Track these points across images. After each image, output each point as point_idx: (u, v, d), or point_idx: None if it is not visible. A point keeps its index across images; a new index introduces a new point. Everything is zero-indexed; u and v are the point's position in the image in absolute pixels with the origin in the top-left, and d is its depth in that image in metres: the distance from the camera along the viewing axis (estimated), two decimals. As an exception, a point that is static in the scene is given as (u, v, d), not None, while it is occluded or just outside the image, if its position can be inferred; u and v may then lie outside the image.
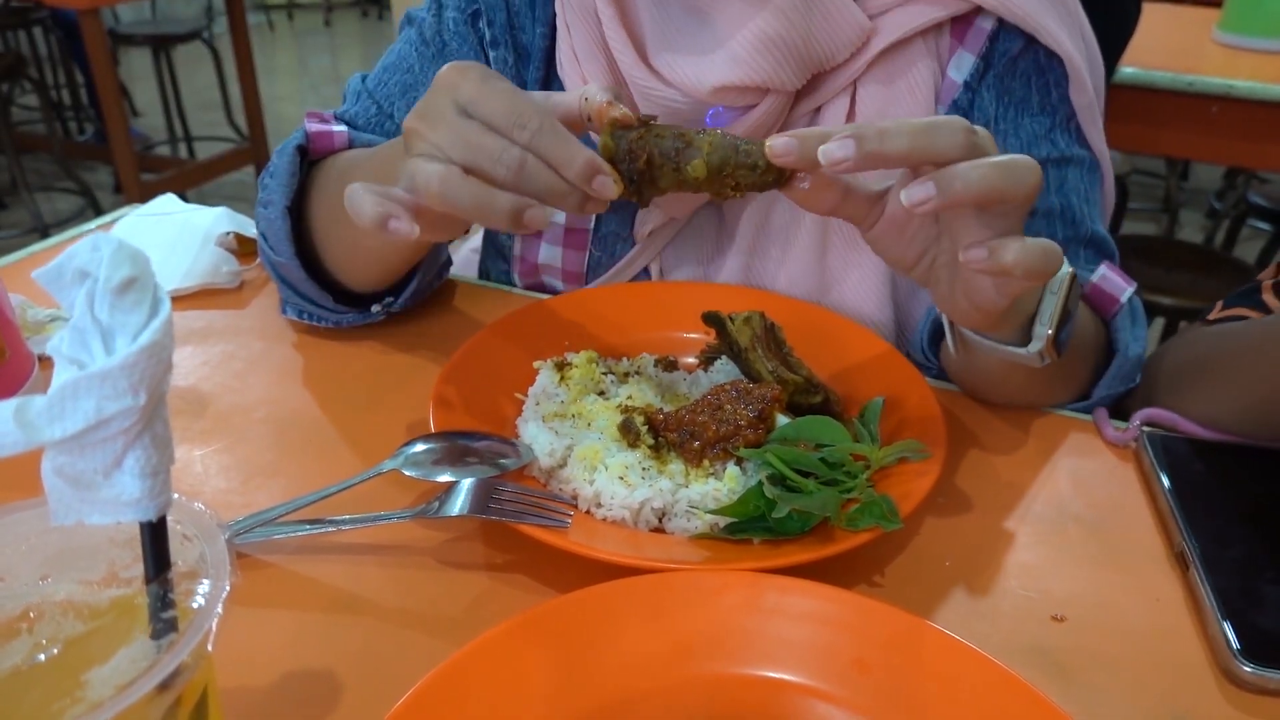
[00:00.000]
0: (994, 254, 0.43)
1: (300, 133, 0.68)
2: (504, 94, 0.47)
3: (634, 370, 0.62)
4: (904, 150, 0.43)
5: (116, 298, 0.26)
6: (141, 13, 4.63)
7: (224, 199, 3.62)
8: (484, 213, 0.46)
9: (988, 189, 0.42)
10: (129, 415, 0.26)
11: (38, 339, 0.68)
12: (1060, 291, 0.51)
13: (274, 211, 0.66)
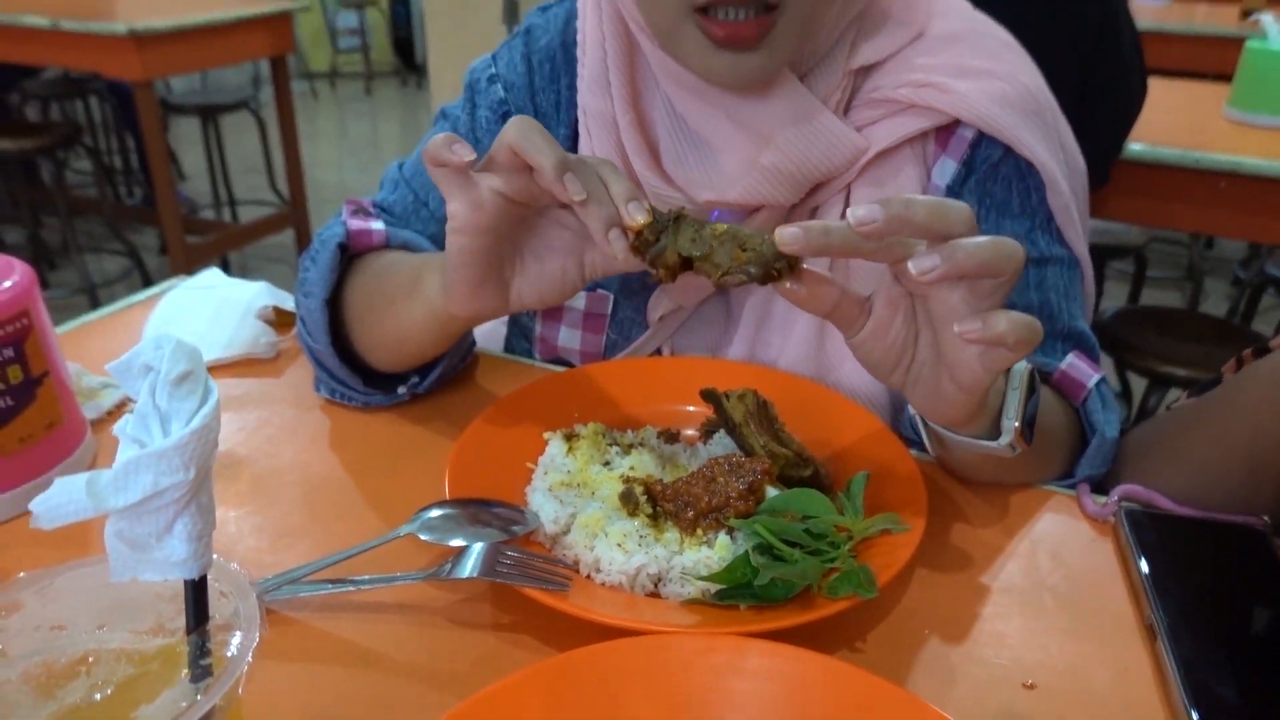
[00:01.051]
0: (987, 324, 0.47)
1: (340, 226, 0.74)
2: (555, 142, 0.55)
3: (638, 442, 0.66)
4: (923, 219, 0.47)
5: (174, 388, 0.31)
6: (192, 83, 4.85)
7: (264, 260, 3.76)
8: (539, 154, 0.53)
9: (985, 261, 0.47)
10: (180, 488, 0.31)
11: (90, 404, 0.74)
12: (1021, 387, 0.56)
13: (314, 303, 0.71)
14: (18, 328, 0.61)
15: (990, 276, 0.47)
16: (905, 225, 0.47)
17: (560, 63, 0.77)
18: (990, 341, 0.48)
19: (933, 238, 0.48)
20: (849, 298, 0.52)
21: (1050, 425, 0.64)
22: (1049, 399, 0.65)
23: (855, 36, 0.68)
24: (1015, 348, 0.48)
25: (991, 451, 0.57)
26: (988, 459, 0.59)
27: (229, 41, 3.05)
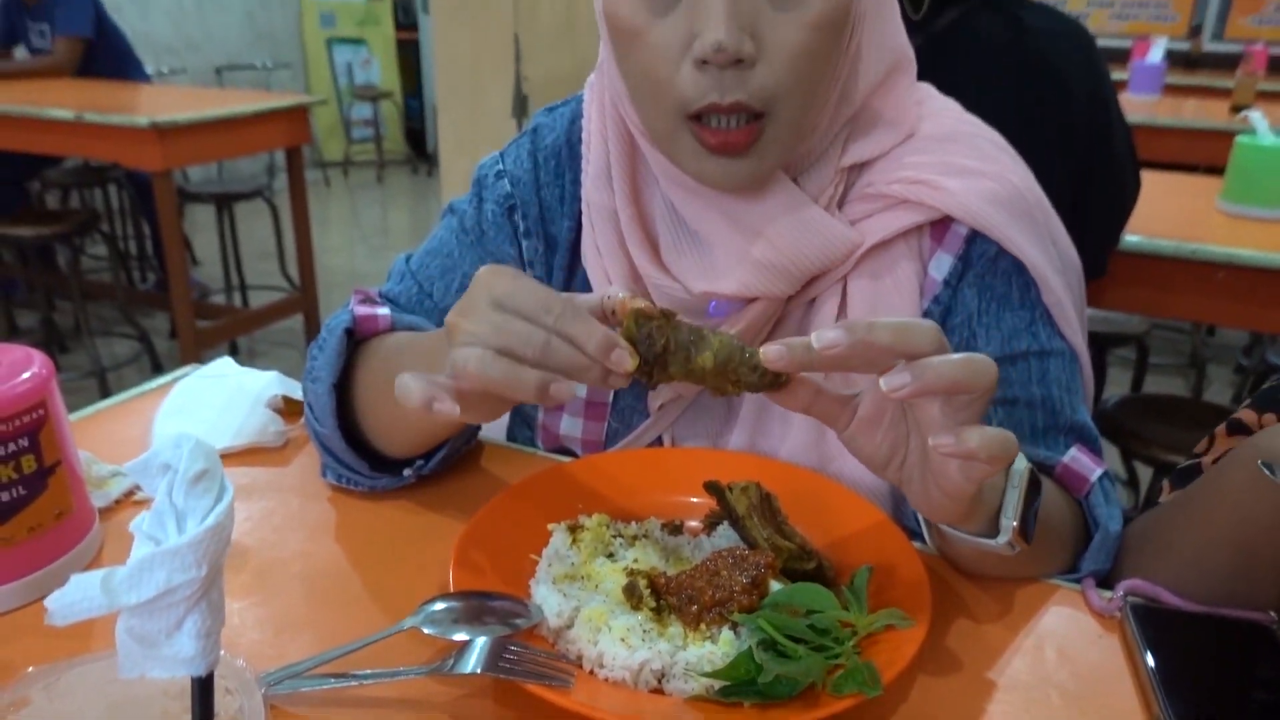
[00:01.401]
0: (960, 439, 0.49)
1: (348, 315, 0.76)
2: (533, 288, 0.55)
3: (642, 534, 0.66)
4: (886, 342, 0.49)
5: (191, 486, 0.32)
6: (209, 171, 4.99)
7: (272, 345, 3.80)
8: (515, 387, 0.53)
9: (953, 380, 0.48)
10: (192, 584, 0.32)
11: (99, 493, 0.74)
12: (1020, 485, 0.56)
13: (321, 387, 0.73)
14: (34, 418, 0.62)
15: (963, 393, 0.49)
16: (869, 349, 0.49)
17: (565, 159, 0.80)
18: (963, 456, 0.49)
19: (900, 358, 0.50)
20: (826, 396, 0.54)
21: (1053, 520, 0.64)
22: (1052, 494, 0.66)
23: (848, 137, 0.71)
24: (990, 463, 0.49)
25: (990, 549, 0.57)
26: (988, 555, 0.59)
27: (247, 133, 3.15)
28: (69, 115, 2.85)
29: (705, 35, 0.60)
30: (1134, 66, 3.63)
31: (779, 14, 0.61)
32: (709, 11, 0.60)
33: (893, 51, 0.71)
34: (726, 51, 0.59)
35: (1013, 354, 0.71)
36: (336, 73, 6.76)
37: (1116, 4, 5.27)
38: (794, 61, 0.62)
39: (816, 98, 0.66)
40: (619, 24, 0.64)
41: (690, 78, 0.62)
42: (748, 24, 0.60)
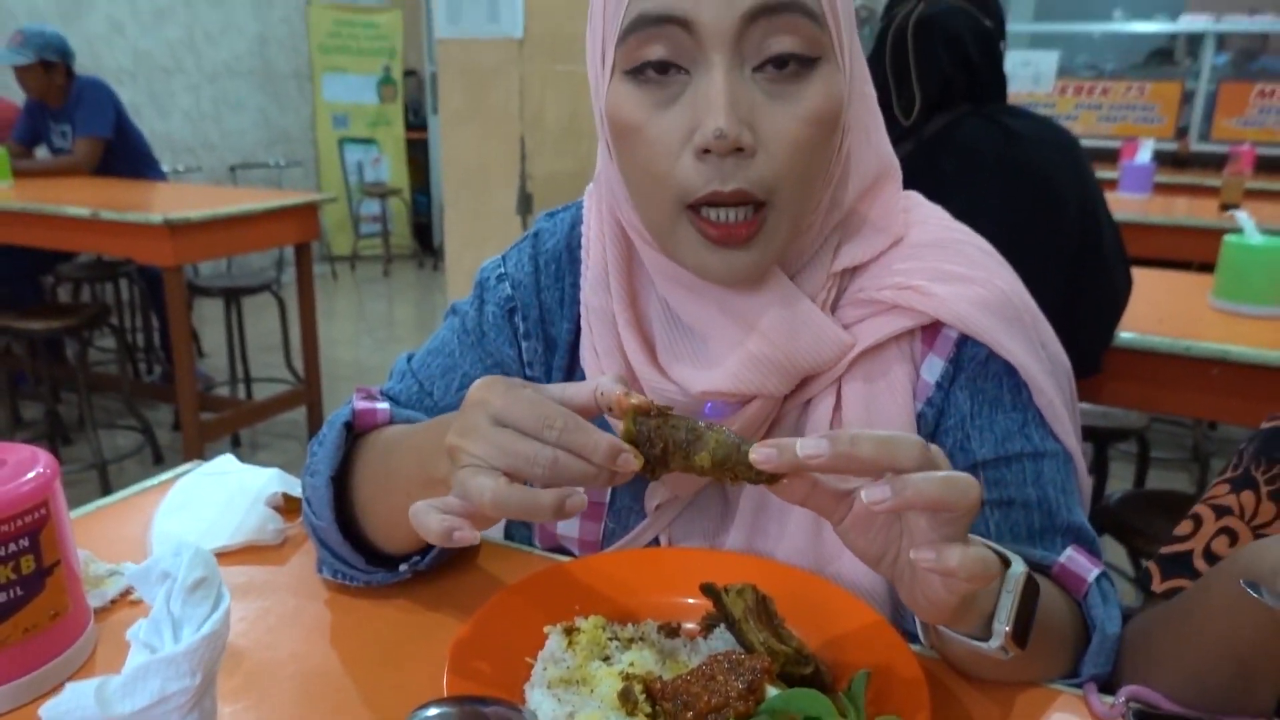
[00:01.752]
0: (941, 556, 0.50)
1: (349, 409, 0.77)
2: (529, 401, 0.56)
3: (638, 636, 0.66)
4: (869, 455, 0.50)
5: (189, 594, 0.32)
6: (219, 265, 5.08)
7: (274, 437, 3.80)
8: (533, 513, 0.55)
9: (934, 498, 0.50)
10: (186, 693, 0.32)
11: (96, 593, 0.74)
12: (1015, 590, 0.56)
13: (319, 480, 0.74)
14: (35, 518, 0.62)
15: (944, 511, 0.50)
16: (851, 461, 0.50)
17: (565, 263, 0.82)
18: (941, 573, 0.50)
19: (882, 471, 0.51)
20: (822, 490, 0.55)
21: (1052, 623, 0.64)
22: (1051, 596, 0.65)
23: (839, 242, 0.73)
24: (969, 581, 0.50)
25: (983, 652, 0.56)
26: (985, 657, 0.59)
27: (258, 230, 3.23)
28: (85, 212, 2.92)
29: (706, 124, 0.62)
30: (1124, 166, 3.72)
31: (775, 107, 0.64)
32: (709, 103, 0.62)
33: (879, 159, 0.74)
34: (727, 139, 0.61)
35: (1007, 455, 0.72)
36: (347, 170, 6.95)
37: (1104, 107, 5.44)
38: (791, 152, 0.64)
39: (813, 190, 0.68)
40: (621, 121, 0.67)
41: (691, 167, 0.64)
42: (746, 116, 0.63)
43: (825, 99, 0.64)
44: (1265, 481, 0.74)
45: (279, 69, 6.53)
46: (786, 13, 0.62)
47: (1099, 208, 1.57)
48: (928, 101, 1.54)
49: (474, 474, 0.55)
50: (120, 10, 5.43)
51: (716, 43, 0.62)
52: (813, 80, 0.64)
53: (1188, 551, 0.74)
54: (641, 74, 0.65)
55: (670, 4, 0.62)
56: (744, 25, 0.62)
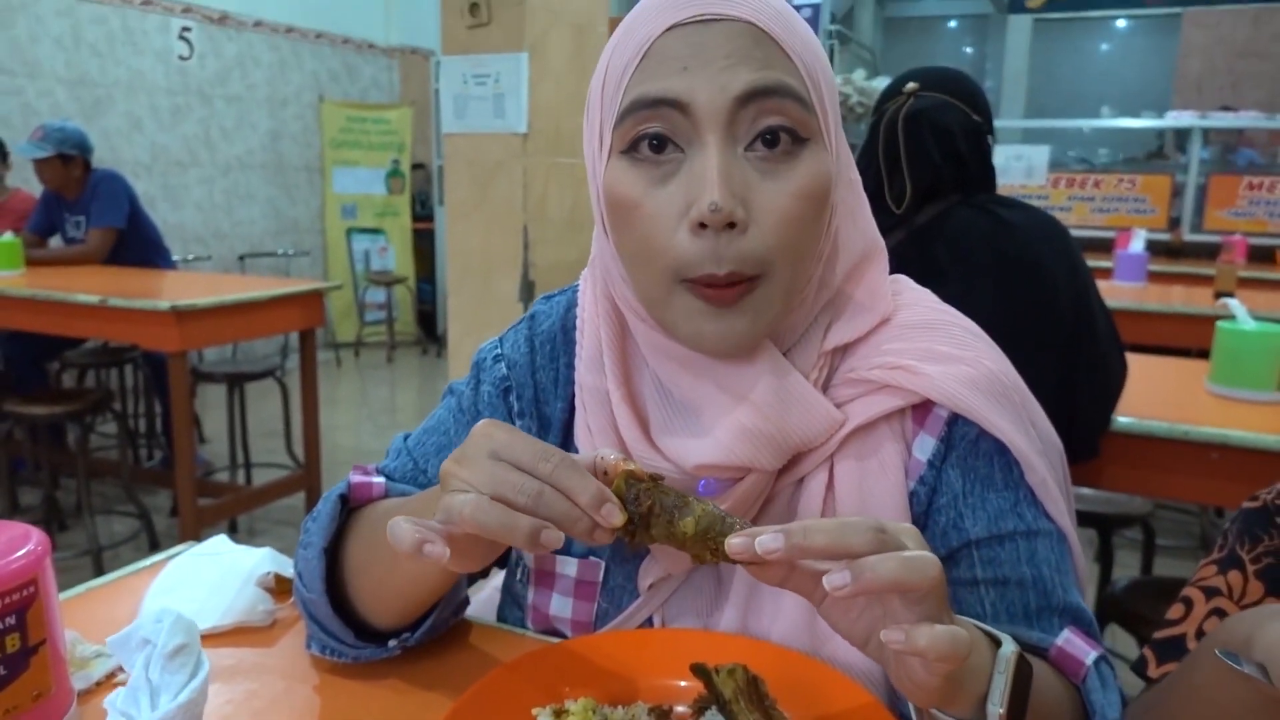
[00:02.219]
0: (909, 637, 0.50)
1: (344, 484, 0.78)
2: (530, 441, 0.59)
3: (629, 719, 0.65)
4: (822, 545, 0.52)
5: (168, 660, 0.32)
6: (223, 351, 5.12)
7: (272, 523, 3.77)
8: (507, 531, 0.55)
9: (891, 580, 0.50)
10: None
11: (81, 674, 0.73)
12: (1008, 671, 0.55)
13: (311, 552, 0.74)
14: (23, 596, 0.62)
15: (907, 591, 0.51)
16: (806, 552, 0.52)
17: (560, 344, 0.84)
18: (911, 653, 0.50)
19: (839, 557, 0.52)
20: (800, 572, 0.56)
21: (1047, 706, 0.62)
22: (1046, 678, 0.64)
23: (829, 321, 0.75)
24: (941, 661, 0.50)
25: None
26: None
27: (264, 317, 3.27)
28: (94, 299, 2.97)
29: (702, 199, 0.65)
30: (1118, 256, 3.78)
31: (767, 183, 0.66)
32: (704, 179, 0.65)
33: (865, 240, 0.76)
34: (722, 213, 0.64)
35: (1000, 534, 0.72)
36: (354, 259, 7.06)
37: (1097, 198, 5.55)
38: (782, 226, 0.66)
39: (804, 264, 0.70)
40: (618, 197, 0.69)
41: (686, 241, 0.66)
42: (739, 191, 0.66)
43: (814, 176, 0.67)
44: (1251, 560, 0.74)
45: (291, 162, 6.71)
46: (777, 96, 0.65)
47: (1091, 293, 1.60)
48: (919, 190, 1.58)
49: (461, 494, 0.57)
50: (140, 108, 5.61)
51: (710, 124, 0.65)
52: (802, 158, 0.67)
53: (1181, 635, 0.74)
54: (637, 151, 0.68)
55: (666, 88, 0.66)
56: (737, 107, 0.65)
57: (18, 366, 3.84)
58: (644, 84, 0.67)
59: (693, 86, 0.65)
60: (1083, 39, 9.46)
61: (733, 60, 0.65)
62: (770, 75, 0.66)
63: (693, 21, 0.66)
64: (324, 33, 6.82)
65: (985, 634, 0.58)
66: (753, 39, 0.66)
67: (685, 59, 0.66)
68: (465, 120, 3.10)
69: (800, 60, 0.68)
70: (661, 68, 0.66)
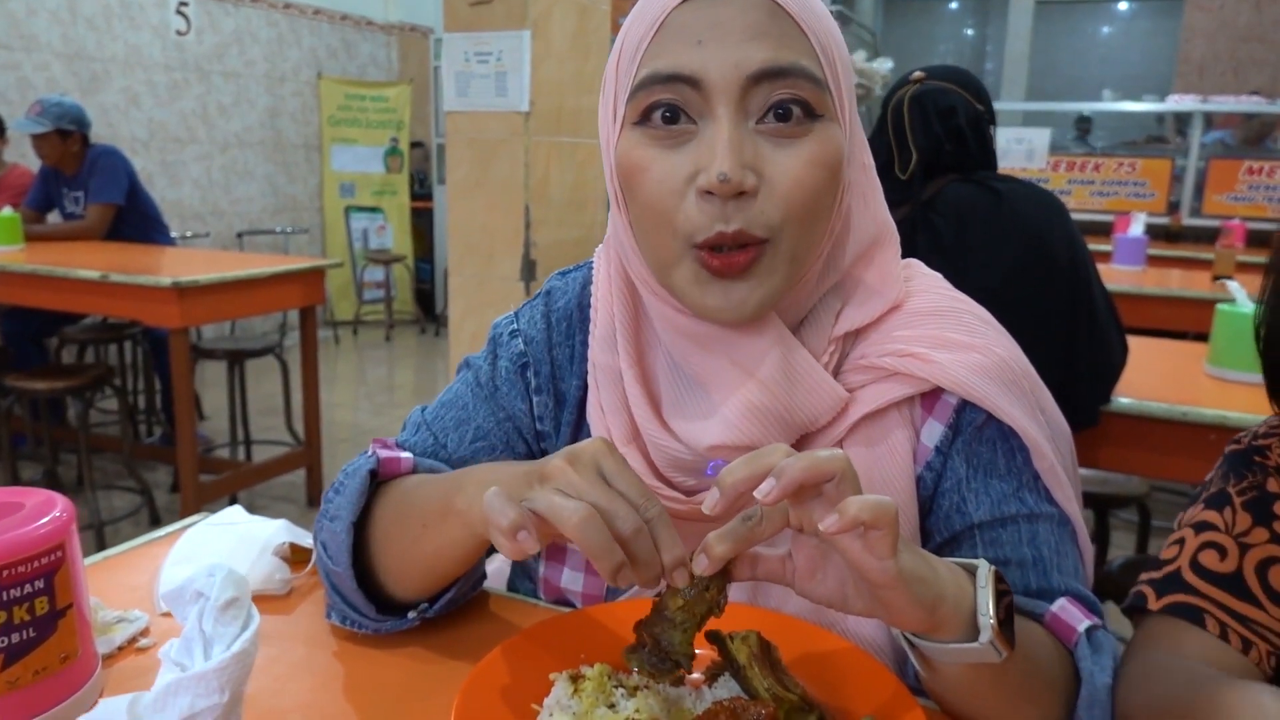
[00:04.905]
0: (842, 513, 0.52)
1: (372, 458, 0.79)
2: (637, 478, 0.59)
3: (644, 684, 0.66)
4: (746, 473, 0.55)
5: (221, 613, 0.34)
6: (222, 329, 5.12)
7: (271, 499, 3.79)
8: (601, 554, 0.56)
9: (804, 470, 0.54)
10: (214, 710, 0.33)
11: (104, 639, 0.74)
12: (988, 584, 0.57)
13: (339, 525, 0.75)
14: (51, 560, 0.63)
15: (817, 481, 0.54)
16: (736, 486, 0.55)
17: (575, 321, 0.85)
18: (849, 525, 0.52)
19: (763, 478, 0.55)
20: (764, 558, 0.59)
21: (1040, 656, 0.64)
22: (1038, 634, 0.66)
23: (840, 305, 0.76)
24: (876, 523, 0.52)
25: (975, 656, 0.57)
26: (978, 678, 0.59)
27: (264, 294, 3.27)
28: (95, 275, 2.97)
29: (710, 168, 0.65)
30: (1117, 240, 3.79)
31: (779, 152, 0.67)
32: (714, 148, 0.65)
33: (876, 225, 0.76)
34: (730, 183, 0.65)
35: (1002, 517, 0.73)
36: (352, 238, 7.05)
37: (1097, 182, 5.56)
38: (793, 190, 0.67)
39: (813, 234, 0.70)
40: (630, 164, 0.70)
41: (696, 206, 0.67)
42: (750, 160, 0.66)
43: (826, 146, 0.68)
44: (1237, 494, 0.78)
45: (289, 140, 6.68)
46: (791, 77, 0.66)
47: (1088, 264, 1.62)
48: (924, 161, 1.61)
49: (568, 498, 0.57)
50: (137, 83, 5.58)
51: (722, 99, 0.66)
52: (814, 131, 0.68)
53: (1176, 570, 0.77)
54: (650, 122, 0.69)
55: (680, 63, 0.66)
56: (750, 85, 0.66)
57: (18, 342, 3.85)
58: (658, 58, 0.67)
59: (706, 61, 0.65)
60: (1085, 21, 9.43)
61: (748, 35, 0.65)
62: (785, 55, 0.66)
63: None
64: (322, 9, 6.78)
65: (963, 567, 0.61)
66: (769, 14, 0.66)
67: (700, 32, 0.66)
68: (467, 98, 3.09)
69: (817, 39, 0.68)
70: (676, 42, 0.66)
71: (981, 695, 0.64)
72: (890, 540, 0.53)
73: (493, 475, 0.67)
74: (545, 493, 0.58)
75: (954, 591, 0.57)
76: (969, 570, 0.60)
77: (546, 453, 0.85)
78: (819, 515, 0.54)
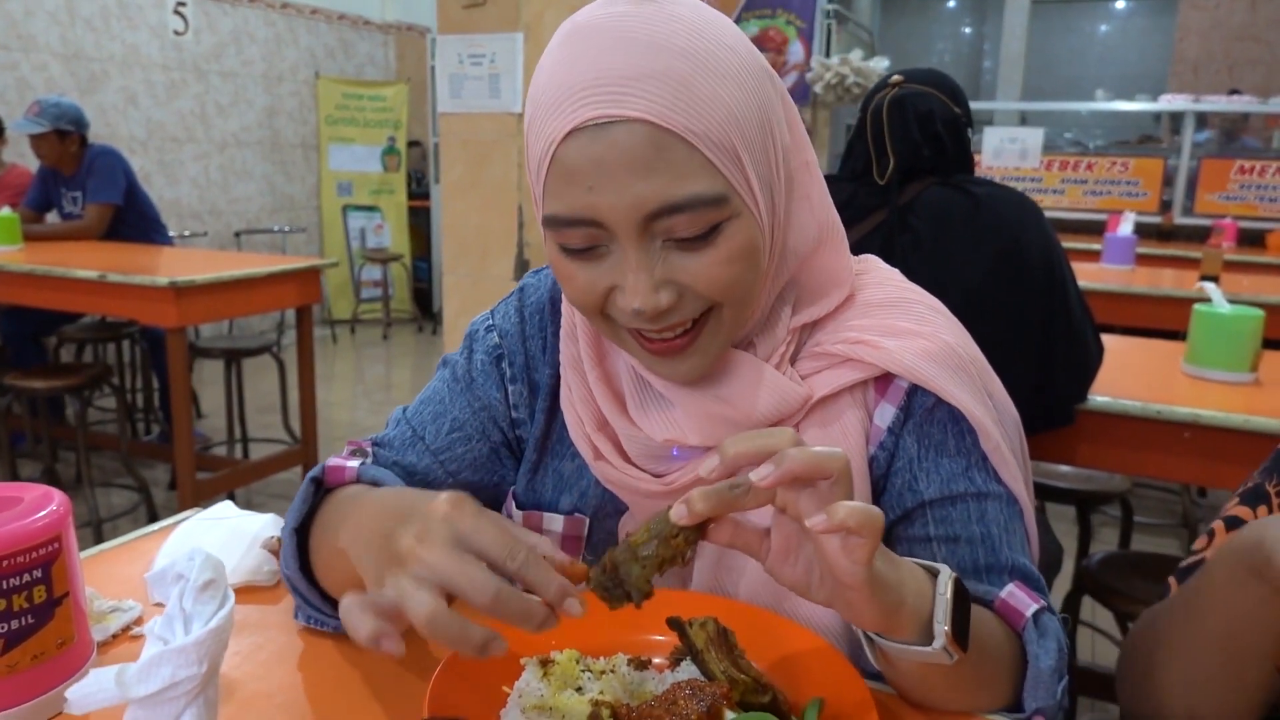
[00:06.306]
0: (830, 514, 0.54)
1: (319, 467, 0.82)
2: (496, 529, 0.58)
3: (609, 669, 0.70)
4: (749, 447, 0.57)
5: (200, 593, 0.37)
6: (220, 327, 5.16)
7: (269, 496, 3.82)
8: (458, 645, 0.55)
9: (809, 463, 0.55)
10: (193, 680, 0.37)
11: (99, 627, 0.78)
12: (947, 591, 0.61)
13: (285, 531, 0.79)
14: (49, 551, 0.67)
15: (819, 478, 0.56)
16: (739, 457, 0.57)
17: (548, 314, 0.89)
18: (836, 528, 0.54)
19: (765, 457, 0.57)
20: (743, 529, 0.61)
21: (990, 645, 0.68)
22: (989, 622, 0.70)
23: (794, 298, 0.79)
24: (860, 531, 0.54)
25: (928, 658, 0.60)
26: (931, 671, 0.63)
27: (262, 293, 3.30)
28: (93, 275, 3.00)
29: (622, 300, 0.68)
30: (1106, 239, 3.82)
31: (691, 260, 0.68)
32: (624, 278, 0.68)
33: (820, 223, 0.78)
34: (645, 314, 0.68)
35: (952, 495, 0.77)
36: (350, 237, 7.08)
37: (1090, 181, 5.59)
38: (712, 289, 0.69)
39: (749, 298, 0.73)
40: (554, 264, 0.72)
41: (621, 313, 0.70)
42: (663, 276, 0.68)
43: (738, 241, 0.68)
44: (1276, 494, 0.79)
45: (286, 139, 6.71)
46: (686, 210, 0.65)
47: (1063, 265, 1.66)
48: (901, 167, 1.64)
49: (418, 588, 0.55)
50: (135, 83, 5.62)
51: (625, 234, 0.66)
52: (723, 234, 0.68)
53: (1200, 560, 0.79)
54: (566, 248, 0.70)
55: (576, 209, 0.66)
56: (647, 222, 0.66)
57: (17, 341, 3.88)
58: (557, 200, 0.67)
59: (599, 207, 0.65)
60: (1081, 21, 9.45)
61: (635, 174, 0.64)
62: (676, 189, 0.64)
63: (591, 125, 0.64)
64: (319, 9, 6.81)
65: (926, 571, 0.63)
66: (652, 144, 0.63)
67: (589, 177, 0.65)
68: (461, 100, 3.13)
69: (709, 142, 0.65)
70: (568, 187, 0.66)
71: (934, 685, 0.68)
72: (869, 549, 0.55)
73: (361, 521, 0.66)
74: (397, 582, 0.56)
75: (914, 599, 0.61)
76: (932, 573, 0.63)
77: (522, 440, 0.89)
78: (806, 507, 0.56)
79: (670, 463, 0.80)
